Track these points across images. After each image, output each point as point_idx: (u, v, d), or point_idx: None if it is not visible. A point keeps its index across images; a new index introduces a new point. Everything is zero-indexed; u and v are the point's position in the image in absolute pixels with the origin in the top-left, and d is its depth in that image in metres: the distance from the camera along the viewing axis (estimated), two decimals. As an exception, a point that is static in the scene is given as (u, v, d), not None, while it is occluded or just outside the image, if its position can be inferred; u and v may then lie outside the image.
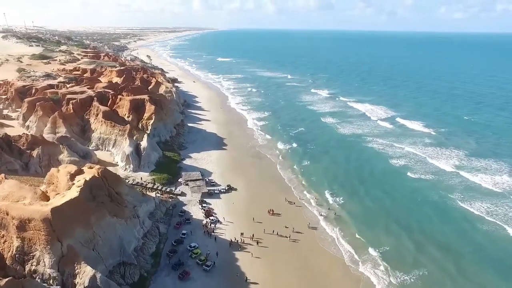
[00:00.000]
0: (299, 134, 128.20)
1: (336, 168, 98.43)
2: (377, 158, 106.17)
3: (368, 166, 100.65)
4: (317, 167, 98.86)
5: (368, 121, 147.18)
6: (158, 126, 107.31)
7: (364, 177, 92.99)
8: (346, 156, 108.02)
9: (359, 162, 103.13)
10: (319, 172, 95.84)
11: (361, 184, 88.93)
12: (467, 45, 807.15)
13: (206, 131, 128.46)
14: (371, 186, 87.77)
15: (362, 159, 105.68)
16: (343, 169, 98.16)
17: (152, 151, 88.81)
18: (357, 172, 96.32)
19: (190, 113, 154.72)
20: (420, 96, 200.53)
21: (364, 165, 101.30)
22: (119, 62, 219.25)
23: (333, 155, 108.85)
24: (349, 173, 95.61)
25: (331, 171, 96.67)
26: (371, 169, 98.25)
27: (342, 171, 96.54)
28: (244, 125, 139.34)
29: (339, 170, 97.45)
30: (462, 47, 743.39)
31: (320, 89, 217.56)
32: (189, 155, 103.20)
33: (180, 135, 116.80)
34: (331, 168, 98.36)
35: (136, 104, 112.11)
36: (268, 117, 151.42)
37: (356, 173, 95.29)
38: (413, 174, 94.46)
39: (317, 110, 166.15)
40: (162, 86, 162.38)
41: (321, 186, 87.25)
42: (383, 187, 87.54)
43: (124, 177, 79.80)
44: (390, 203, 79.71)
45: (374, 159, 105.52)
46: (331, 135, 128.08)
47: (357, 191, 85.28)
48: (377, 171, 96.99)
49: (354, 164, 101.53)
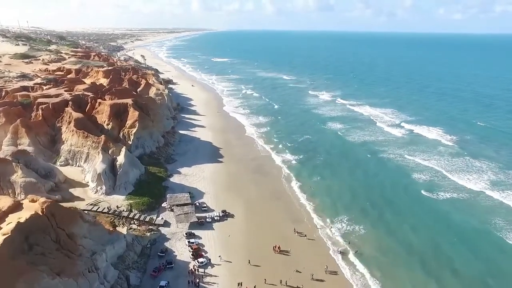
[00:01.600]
0: (304, 143, 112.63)
1: (351, 186, 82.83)
2: (393, 173, 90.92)
3: (386, 183, 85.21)
4: (329, 185, 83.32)
5: (375, 126, 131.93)
6: (143, 135, 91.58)
7: (384, 198, 77.69)
8: (360, 170, 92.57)
9: (376, 179, 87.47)
10: (332, 191, 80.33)
11: (382, 207, 73.60)
12: (467, 46, 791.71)
13: (200, 140, 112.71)
14: (393, 211, 72.43)
15: (378, 174, 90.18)
16: (359, 187, 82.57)
17: (131, 168, 73.05)
18: (375, 191, 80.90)
19: (184, 118, 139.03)
20: (424, 98, 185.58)
21: (382, 182, 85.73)
22: (109, 62, 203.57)
23: (346, 169, 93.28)
24: (367, 193, 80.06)
25: (346, 189, 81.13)
26: (390, 188, 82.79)
27: (358, 190, 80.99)
28: (243, 132, 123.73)
29: (354, 188, 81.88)
30: (462, 47, 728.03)
31: (321, 91, 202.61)
32: (178, 170, 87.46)
33: (169, 145, 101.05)
34: (345, 186, 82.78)
35: (118, 109, 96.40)
36: (268, 122, 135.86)
37: (374, 193, 79.89)
38: (437, 195, 78.93)
39: (321, 114, 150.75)
40: (152, 88, 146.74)
41: (336, 211, 71.83)
42: (405, 212, 72.27)
43: (93, 202, 64.21)
44: (417, 235, 64.19)
45: (391, 174, 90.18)
46: (340, 144, 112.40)
47: (379, 217, 70.07)
48: (397, 191, 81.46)
49: (371, 181, 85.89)
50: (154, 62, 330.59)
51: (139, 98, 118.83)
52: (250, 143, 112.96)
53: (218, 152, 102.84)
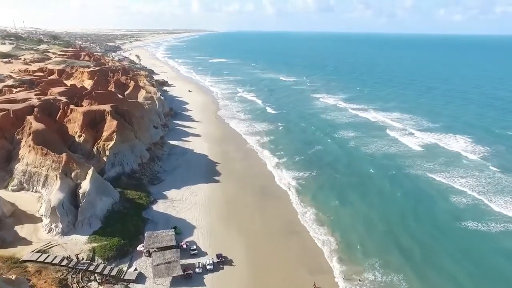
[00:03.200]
0: (313, 156, 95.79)
1: (379, 215, 66.37)
2: (425, 196, 74.90)
3: (420, 209, 69.11)
4: (351, 213, 66.81)
5: (387, 135, 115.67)
6: (121, 149, 74.84)
7: (425, 232, 61.27)
8: (385, 192, 76.01)
9: (407, 204, 70.92)
10: (357, 221, 63.95)
11: (425, 245, 57.30)
12: (468, 47, 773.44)
13: (193, 153, 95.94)
14: (440, 252, 55.91)
15: (408, 198, 73.78)
16: (388, 216, 66.14)
17: (100, 196, 56.32)
18: (410, 221, 64.58)
19: (177, 125, 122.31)
20: (432, 101, 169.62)
21: (415, 209, 69.47)
22: (99, 62, 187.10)
23: (368, 190, 76.68)
24: (400, 223, 63.72)
25: (373, 219, 64.81)
26: (428, 216, 66.58)
27: (388, 220, 64.68)
28: (243, 143, 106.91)
29: (383, 217, 65.53)
30: (463, 48, 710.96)
31: (322, 93, 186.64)
32: (164, 194, 70.75)
33: (155, 160, 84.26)
34: (372, 215, 66.34)
35: (93, 117, 79.77)
36: (270, 130, 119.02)
37: (409, 224, 63.54)
38: (487, 226, 62.63)
39: (326, 120, 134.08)
40: (142, 91, 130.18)
41: (365, 251, 55.77)
42: (456, 252, 56.01)
43: (41, 248, 47.52)
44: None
45: (423, 198, 74.25)
46: (354, 158, 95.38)
47: (423, 259, 53.51)
48: (438, 221, 65.05)
49: (401, 208, 69.40)
50: (151, 63, 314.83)
51: (124, 103, 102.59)
52: (251, 155, 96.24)
53: (215, 168, 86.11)
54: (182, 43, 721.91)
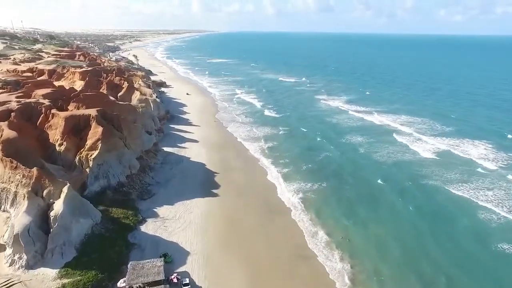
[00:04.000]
0: (320, 165, 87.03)
1: (399, 236, 57.86)
2: (450, 213, 65.53)
3: (440, 230, 60.26)
4: (370, 234, 58.28)
5: (395, 141, 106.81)
6: (107, 159, 66.30)
7: (446, 257, 53.15)
8: (399, 206, 67.73)
9: (424, 222, 62.22)
10: (377, 244, 55.60)
11: (449, 277, 48.91)
12: (469, 47, 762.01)
13: (189, 161, 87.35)
14: (466, 284, 47.44)
15: (424, 214, 65.28)
16: (409, 237, 57.68)
17: (77, 218, 47.77)
18: (429, 244, 56.21)
19: (173, 130, 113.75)
20: (437, 103, 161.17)
21: (433, 227, 60.91)
22: (94, 62, 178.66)
23: (383, 205, 68.22)
24: (416, 246, 55.39)
25: (393, 242, 56.28)
26: (449, 239, 57.97)
27: (404, 242, 56.27)
28: (243, 149, 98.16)
29: (399, 239, 56.97)
30: (464, 49, 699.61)
31: (323, 95, 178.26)
32: (155, 211, 62.20)
33: (147, 170, 75.65)
34: (392, 236, 57.80)
35: (76, 123, 71.22)
36: (272, 135, 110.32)
37: (427, 248, 55.30)
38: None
39: (332, 124, 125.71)
40: (136, 93, 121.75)
41: (382, 284, 46.74)
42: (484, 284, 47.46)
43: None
44: None
45: (449, 216, 64.87)
46: (364, 166, 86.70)
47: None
48: (460, 245, 56.66)
49: (419, 226, 60.78)
50: (149, 63, 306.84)
51: (115, 106, 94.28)
52: (252, 164, 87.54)
53: (213, 179, 77.50)
54: (182, 43, 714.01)
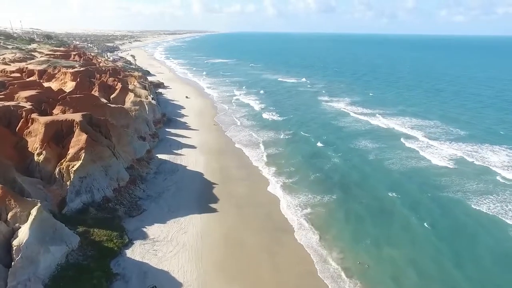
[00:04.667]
0: (329, 174, 79.08)
1: (411, 259, 50.02)
2: (467, 232, 56.77)
3: (464, 254, 51.66)
4: (379, 257, 50.44)
5: (402, 146, 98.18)
6: (91, 171, 58.83)
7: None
8: (415, 224, 59.08)
9: (445, 244, 53.83)
10: (386, 271, 47.58)
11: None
12: (471, 48, 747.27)
13: (186, 170, 79.84)
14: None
15: (443, 234, 56.56)
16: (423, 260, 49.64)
17: (46, 246, 40.26)
18: (453, 272, 47.99)
19: (169, 134, 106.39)
20: (444, 104, 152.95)
21: (456, 251, 52.37)
22: (86, 62, 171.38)
23: (393, 221, 60.32)
24: (439, 275, 47.44)
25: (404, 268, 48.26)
26: (475, 266, 49.55)
27: (424, 269, 48.23)
28: (244, 156, 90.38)
29: (418, 265, 49.08)
30: (466, 49, 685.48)
31: (324, 96, 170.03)
32: (144, 231, 54.66)
33: (137, 182, 68.14)
34: (402, 260, 49.91)
35: (58, 130, 63.73)
36: (276, 141, 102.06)
37: (452, 276, 47.10)
38: None
39: (335, 128, 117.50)
40: (130, 95, 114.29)
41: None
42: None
43: None
44: None
45: (464, 235, 56.34)
46: (373, 176, 77.76)
47: None
48: (491, 273, 48.27)
49: (440, 249, 52.44)
50: (148, 63, 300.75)
51: (105, 110, 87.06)
52: (253, 173, 79.77)
53: (211, 192, 69.94)
54: (182, 44, 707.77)
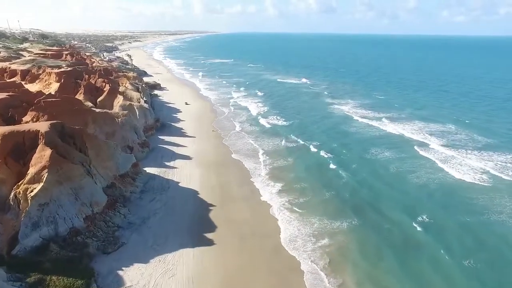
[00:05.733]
0: (338, 193, 66.44)
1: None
2: None
3: None
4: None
5: (418, 155, 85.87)
6: (56, 196, 46.97)
7: None
8: (464, 264, 47.00)
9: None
10: None
11: None
12: (472, 48, 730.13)
13: (178, 187, 67.84)
14: None
15: (488, 278, 44.89)
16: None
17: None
18: None
19: (161, 142, 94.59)
20: (454, 107, 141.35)
21: None
22: (77, 62, 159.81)
23: (434, 259, 48.05)
24: None
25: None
26: None
27: None
28: (245, 170, 78.00)
29: None
30: (467, 49, 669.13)
31: (331, 98, 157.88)
32: (119, 275, 42.61)
33: (117, 205, 56.19)
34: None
35: (19, 143, 51.95)
36: (280, 151, 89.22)
37: None
38: None
39: (343, 133, 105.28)
40: (118, 98, 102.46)
41: None
42: None
43: None
44: None
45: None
46: (396, 195, 64.94)
47: None
48: None
49: None
50: (146, 63, 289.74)
51: (87, 116, 75.45)
52: (257, 192, 67.42)
53: (207, 216, 57.96)
54: (182, 44, 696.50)
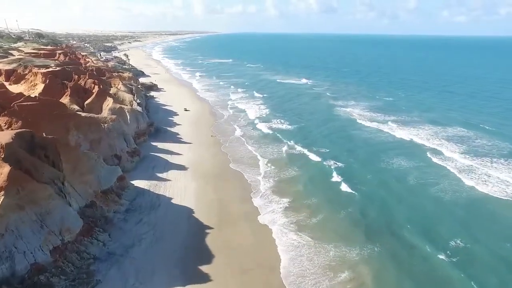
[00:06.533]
0: (355, 211, 57.38)
1: None
2: None
3: None
4: None
5: (431, 164, 76.75)
6: (14, 225, 37.72)
7: None
8: None
9: None
10: None
11: None
12: (474, 48, 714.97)
13: (170, 205, 58.65)
14: None
15: None
16: None
17: None
18: None
19: (154, 149, 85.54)
20: (462, 109, 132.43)
21: None
22: (69, 61, 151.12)
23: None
24: None
25: None
26: None
27: None
28: (247, 184, 68.71)
29: None
30: (469, 49, 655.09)
31: (334, 100, 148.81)
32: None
33: (95, 230, 47.12)
34: None
35: (-26, 157, 43.06)
36: (284, 159, 79.88)
37: None
38: None
39: (348, 139, 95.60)
40: (108, 101, 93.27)
41: None
42: None
43: None
44: None
45: None
46: (415, 217, 54.97)
47: None
48: None
49: None
50: (144, 63, 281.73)
51: (69, 121, 66.70)
52: (260, 211, 58.29)
53: (203, 244, 48.71)
54: (182, 44, 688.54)
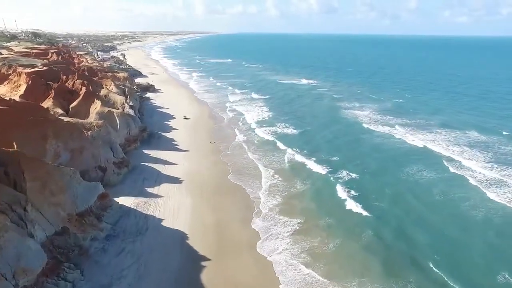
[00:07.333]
0: (379, 235, 48.91)
1: None
2: None
3: None
4: None
5: (451, 176, 68.18)
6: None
7: None
8: None
9: None
10: None
11: None
12: (476, 48, 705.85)
13: (161, 229, 49.73)
14: None
15: None
16: None
17: None
18: None
19: (146, 158, 76.70)
20: (472, 111, 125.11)
21: None
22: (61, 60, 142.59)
23: None
24: None
25: None
26: None
27: None
28: (249, 200, 59.62)
29: None
30: (471, 49, 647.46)
31: (336, 101, 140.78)
32: None
33: (64, 266, 38.33)
34: None
35: None
36: (289, 173, 70.74)
37: None
38: None
39: (363, 146, 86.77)
40: (96, 103, 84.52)
41: None
42: None
43: None
44: None
45: None
46: (440, 249, 47.08)
47: None
48: None
49: None
50: (143, 63, 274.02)
51: (47, 128, 58.11)
52: (264, 237, 49.46)
53: (198, 281, 39.76)
54: (182, 44, 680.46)
